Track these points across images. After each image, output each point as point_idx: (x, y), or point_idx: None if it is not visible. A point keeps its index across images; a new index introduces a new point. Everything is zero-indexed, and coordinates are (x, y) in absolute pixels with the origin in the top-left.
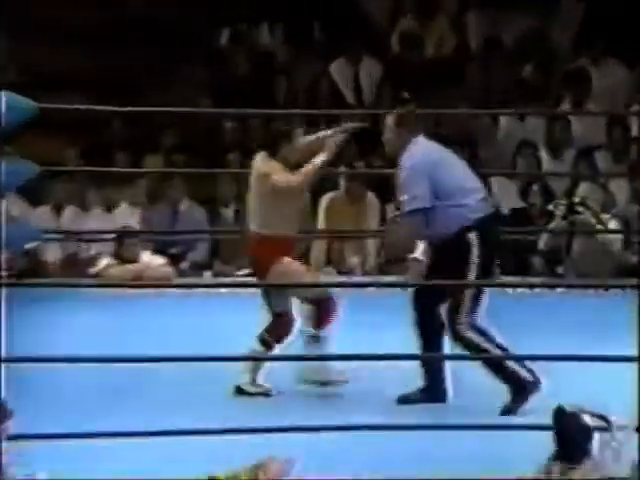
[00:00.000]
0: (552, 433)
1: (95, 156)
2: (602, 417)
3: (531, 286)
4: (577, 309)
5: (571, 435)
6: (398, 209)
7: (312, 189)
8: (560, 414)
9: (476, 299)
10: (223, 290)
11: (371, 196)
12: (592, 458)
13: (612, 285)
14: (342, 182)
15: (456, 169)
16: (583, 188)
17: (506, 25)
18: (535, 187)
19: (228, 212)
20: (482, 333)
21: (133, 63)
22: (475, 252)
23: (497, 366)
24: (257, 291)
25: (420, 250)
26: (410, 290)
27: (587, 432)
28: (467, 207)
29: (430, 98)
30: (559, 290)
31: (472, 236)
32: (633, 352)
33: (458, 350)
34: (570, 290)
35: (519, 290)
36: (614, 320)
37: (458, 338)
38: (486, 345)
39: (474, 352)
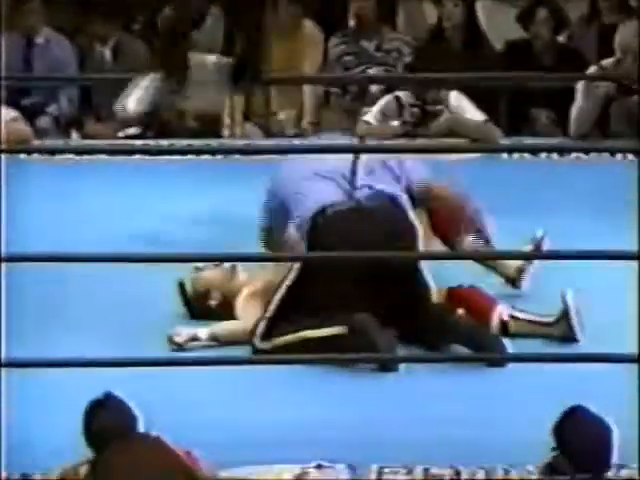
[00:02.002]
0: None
1: None
2: None
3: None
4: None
5: (592, 441)
6: None
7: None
8: (573, 417)
9: None
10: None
11: (310, 25)
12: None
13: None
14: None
15: None
16: None
17: None
18: (542, 11)
19: (104, 50)
20: None
21: None
22: None
23: None
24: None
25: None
26: None
27: (610, 436)
28: None
29: None
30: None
31: None
32: None
33: None
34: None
35: (516, 155)
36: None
37: None
38: None
39: None
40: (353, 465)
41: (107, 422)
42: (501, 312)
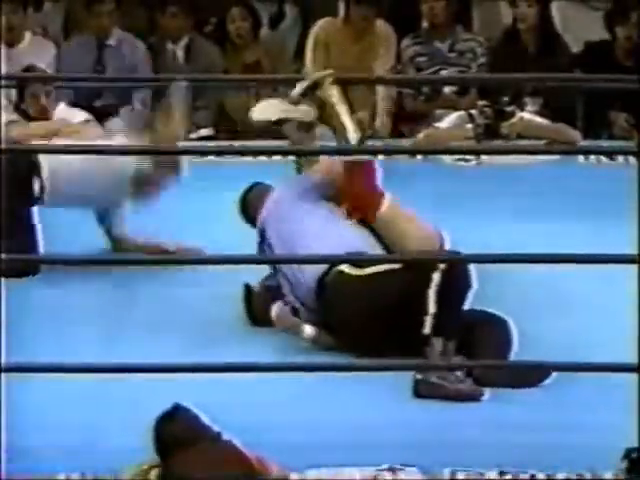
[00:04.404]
0: None
1: None
2: None
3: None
4: None
5: None
6: None
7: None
8: None
9: None
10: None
11: (383, 24)
12: None
13: None
14: (341, 4)
15: None
16: None
17: None
18: (636, 14)
19: (177, 49)
20: None
21: None
22: None
23: None
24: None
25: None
26: None
27: None
28: None
29: None
30: None
31: None
32: None
33: None
34: None
35: (592, 158)
36: None
37: None
38: None
39: None
40: (425, 468)
41: (176, 434)
42: None
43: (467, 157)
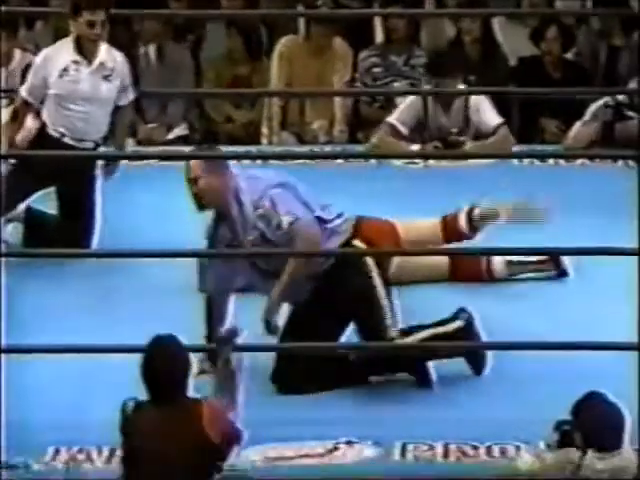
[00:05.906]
0: (575, 419)
1: None
2: None
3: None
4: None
5: (606, 421)
6: None
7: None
8: (591, 399)
9: None
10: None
11: (340, 42)
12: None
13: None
14: (301, 23)
15: None
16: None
17: None
18: (552, 30)
19: (149, 51)
20: None
21: None
22: None
23: None
24: None
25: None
26: None
27: (622, 418)
28: None
29: None
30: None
31: None
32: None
33: None
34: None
35: (526, 161)
36: None
37: None
38: None
39: None
40: (379, 441)
41: (164, 363)
42: None
43: (415, 160)
